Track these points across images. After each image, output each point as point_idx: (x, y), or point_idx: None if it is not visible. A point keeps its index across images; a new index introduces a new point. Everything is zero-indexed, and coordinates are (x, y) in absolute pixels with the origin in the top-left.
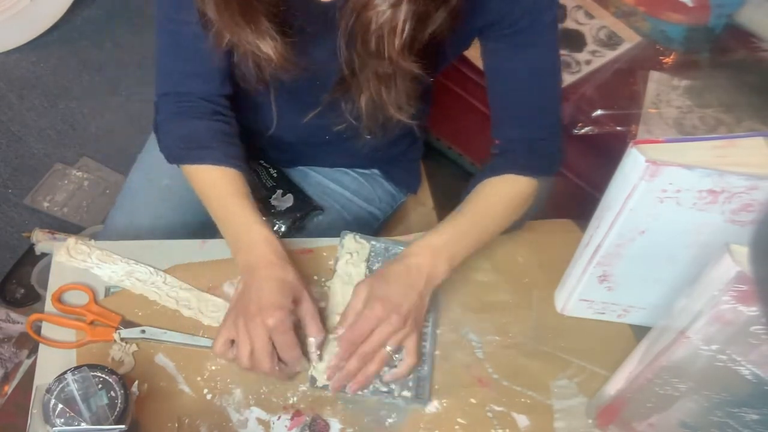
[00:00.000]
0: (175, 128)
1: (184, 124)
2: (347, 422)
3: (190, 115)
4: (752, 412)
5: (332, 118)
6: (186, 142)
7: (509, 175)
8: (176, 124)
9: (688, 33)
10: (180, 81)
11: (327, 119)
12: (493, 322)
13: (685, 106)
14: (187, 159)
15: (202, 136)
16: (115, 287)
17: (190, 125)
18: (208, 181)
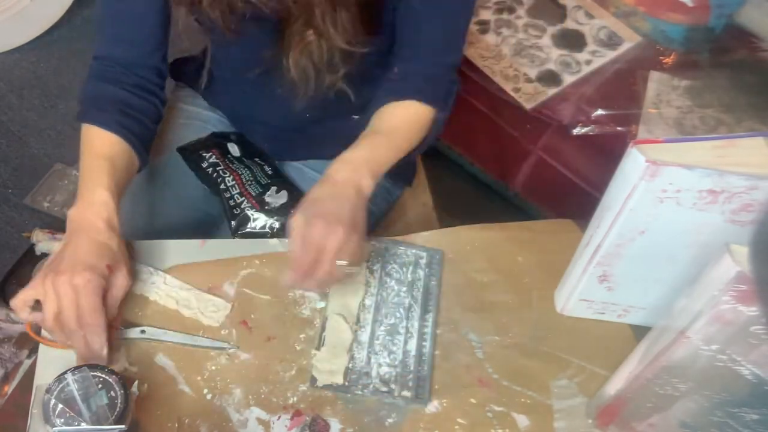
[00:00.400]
0: (90, 89)
1: (100, 86)
2: (347, 422)
3: (110, 80)
4: (752, 412)
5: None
6: (91, 102)
7: (411, 101)
8: (93, 86)
9: (688, 33)
10: (111, 45)
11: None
12: (493, 322)
13: (685, 106)
14: (83, 117)
15: (107, 101)
16: None
17: (100, 88)
18: (89, 141)
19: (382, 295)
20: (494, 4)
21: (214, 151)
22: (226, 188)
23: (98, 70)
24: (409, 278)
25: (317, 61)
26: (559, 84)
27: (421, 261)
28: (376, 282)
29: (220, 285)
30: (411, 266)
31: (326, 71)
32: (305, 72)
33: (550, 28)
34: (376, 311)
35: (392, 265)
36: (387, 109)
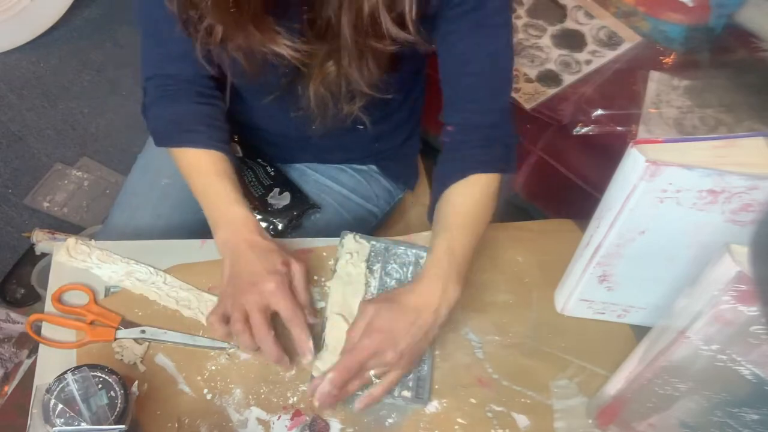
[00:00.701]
0: (162, 112)
1: (171, 107)
2: (347, 422)
3: (175, 98)
4: (752, 412)
5: (291, 103)
6: (172, 126)
7: (476, 175)
8: (163, 108)
9: (688, 33)
10: (162, 64)
11: (286, 104)
12: (493, 322)
13: (685, 106)
14: (174, 142)
15: (188, 119)
16: (115, 287)
17: (175, 108)
18: (193, 163)
19: None
20: None
21: None
22: None
23: (159, 91)
24: (410, 278)
25: (336, 92)
26: (559, 84)
27: (421, 261)
28: (376, 282)
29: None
30: (411, 266)
31: (345, 102)
32: (323, 102)
33: (550, 28)
34: None
35: (392, 264)
36: (455, 197)
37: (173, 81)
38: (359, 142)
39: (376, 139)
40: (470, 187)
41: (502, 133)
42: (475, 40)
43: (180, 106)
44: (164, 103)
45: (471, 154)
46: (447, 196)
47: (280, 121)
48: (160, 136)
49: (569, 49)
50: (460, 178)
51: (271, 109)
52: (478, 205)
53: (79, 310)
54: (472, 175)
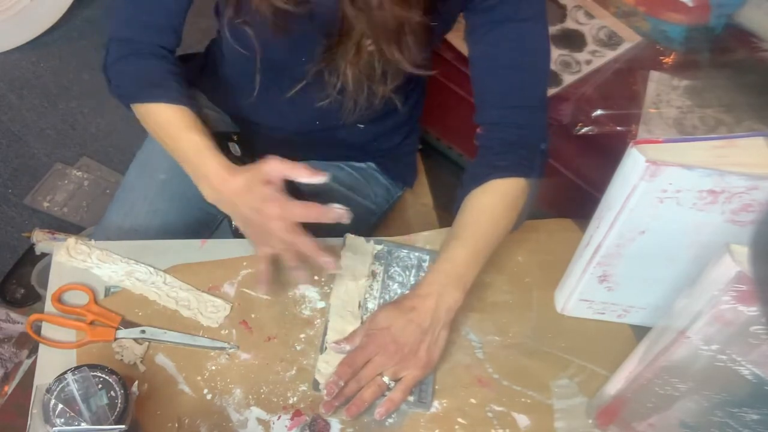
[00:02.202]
0: (127, 68)
1: (137, 63)
2: (347, 422)
3: (141, 56)
4: (752, 412)
5: (316, 92)
6: (141, 80)
7: (493, 182)
8: (129, 64)
9: (688, 33)
10: (137, 30)
11: (310, 94)
12: (493, 322)
13: (685, 106)
14: (141, 97)
15: (157, 74)
16: (115, 287)
17: (143, 64)
18: (163, 119)
19: (385, 298)
20: None
21: None
22: None
23: (125, 50)
24: (412, 281)
25: (373, 73)
26: (559, 84)
27: (424, 264)
28: (378, 285)
29: (220, 285)
30: (414, 269)
31: (379, 83)
32: (360, 84)
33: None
34: None
35: (395, 267)
36: (472, 204)
37: (144, 45)
38: (358, 140)
39: (375, 137)
40: (487, 195)
41: (528, 134)
42: (502, 35)
43: (147, 61)
44: (130, 60)
45: (491, 159)
46: (465, 203)
47: (296, 112)
48: (125, 92)
49: (569, 49)
50: (478, 185)
51: (292, 103)
52: (493, 211)
53: (79, 310)
54: (490, 182)
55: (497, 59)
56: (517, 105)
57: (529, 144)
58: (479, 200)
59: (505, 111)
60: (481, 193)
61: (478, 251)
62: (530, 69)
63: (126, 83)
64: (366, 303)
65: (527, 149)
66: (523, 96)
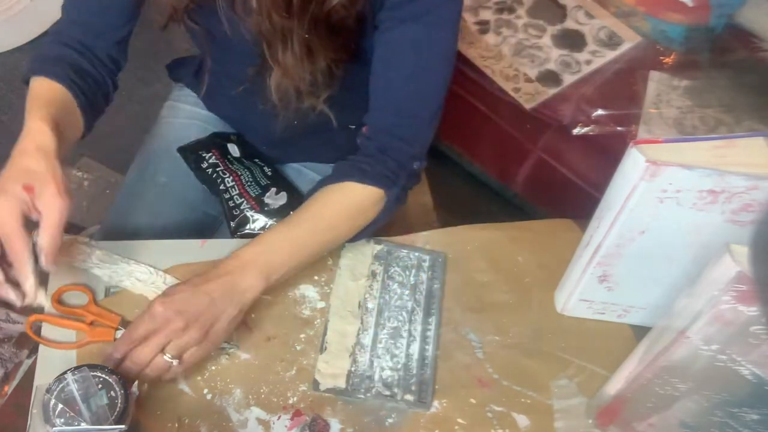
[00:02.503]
0: (43, 50)
1: (53, 47)
2: (347, 422)
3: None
4: (752, 412)
5: (259, 94)
6: (41, 60)
7: (349, 183)
8: (46, 47)
9: (688, 33)
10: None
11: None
12: (493, 322)
13: (685, 106)
14: (31, 71)
15: (54, 57)
16: (115, 287)
17: (56, 49)
18: (34, 90)
19: (384, 298)
20: (494, 4)
21: (214, 151)
22: (226, 189)
23: (55, 38)
24: (412, 281)
25: (299, 84)
26: (559, 84)
27: (424, 264)
28: (378, 285)
29: None
30: (414, 269)
31: (307, 94)
32: (286, 94)
33: (550, 28)
34: (378, 314)
35: (395, 268)
36: (320, 196)
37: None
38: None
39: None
40: (337, 194)
41: (405, 149)
42: (404, 36)
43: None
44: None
45: (358, 160)
46: (315, 194)
47: (249, 114)
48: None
49: (569, 49)
50: (333, 182)
51: (241, 102)
52: (334, 214)
53: (78, 311)
54: (347, 182)
55: (394, 63)
56: (404, 115)
57: (401, 158)
58: (328, 196)
59: (391, 118)
60: (332, 190)
61: (300, 247)
62: (426, 79)
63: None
64: (366, 303)
65: (398, 163)
66: (412, 106)
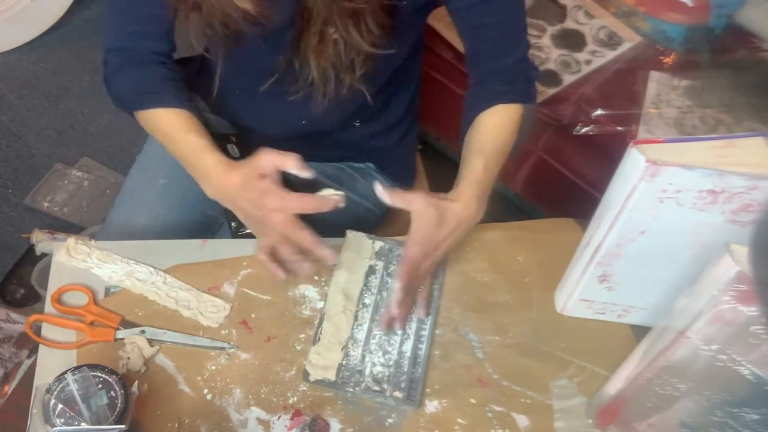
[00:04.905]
0: (126, 76)
1: (135, 71)
2: (347, 422)
3: (138, 64)
4: (752, 412)
5: (288, 85)
6: (139, 88)
7: (499, 106)
8: (127, 73)
9: (688, 33)
10: (129, 39)
11: (283, 88)
12: (493, 322)
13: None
14: (142, 104)
15: (154, 81)
16: (115, 287)
17: (141, 71)
18: (165, 123)
19: (381, 295)
20: None
21: None
22: None
23: (122, 59)
24: None
25: (338, 61)
26: (559, 84)
27: None
28: (377, 280)
29: (220, 285)
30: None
31: (346, 72)
32: (326, 73)
33: (550, 28)
34: (374, 311)
35: (395, 265)
36: (482, 124)
37: (139, 53)
38: (354, 139)
39: (372, 136)
40: (497, 116)
41: (520, 70)
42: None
43: (145, 68)
44: (129, 68)
45: (494, 86)
46: (476, 124)
47: (276, 110)
48: (126, 100)
49: (569, 49)
50: (486, 108)
51: (266, 99)
52: (505, 132)
53: (78, 311)
54: (496, 106)
55: (483, 34)
56: (507, 59)
57: (523, 75)
58: (491, 121)
59: (497, 63)
60: (491, 115)
61: (499, 166)
62: (513, 32)
63: (126, 92)
64: (363, 298)
65: (523, 79)
66: (510, 52)
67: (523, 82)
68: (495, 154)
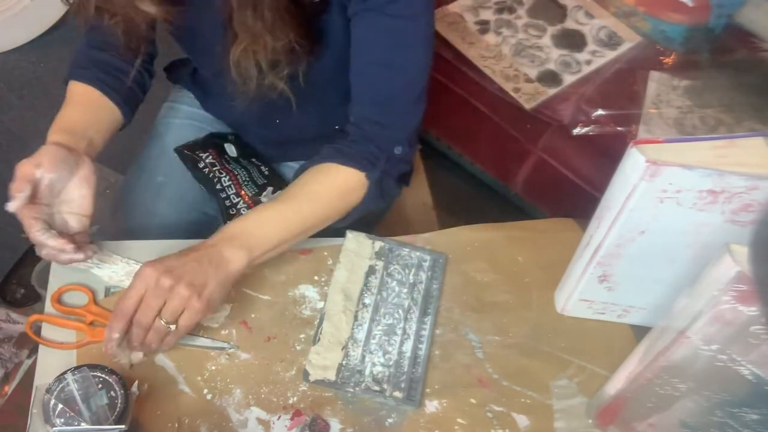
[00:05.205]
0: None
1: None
2: (347, 422)
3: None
4: (752, 412)
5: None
6: (72, 65)
7: (331, 164)
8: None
9: (688, 33)
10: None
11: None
12: (493, 322)
13: (685, 106)
14: (69, 76)
15: (87, 60)
16: (115, 287)
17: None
18: (68, 94)
19: (382, 295)
20: (494, 4)
21: (211, 151)
22: (223, 188)
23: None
24: (411, 280)
25: (260, 60)
26: (559, 84)
27: (425, 264)
28: (377, 280)
29: None
30: (414, 268)
31: (269, 72)
32: (247, 71)
33: (550, 28)
34: (374, 311)
35: (395, 266)
36: (304, 176)
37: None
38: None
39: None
40: (321, 175)
41: (385, 134)
42: (374, 28)
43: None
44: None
45: (340, 143)
46: (299, 176)
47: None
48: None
49: (569, 49)
50: (316, 163)
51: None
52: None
53: (78, 311)
54: (329, 163)
55: (367, 53)
56: (382, 103)
57: (381, 143)
58: (311, 176)
59: (370, 106)
60: (315, 171)
61: (284, 223)
62: (401, 66)
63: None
64: (363, 297)
65: (378, 147)
66: (389, 94)
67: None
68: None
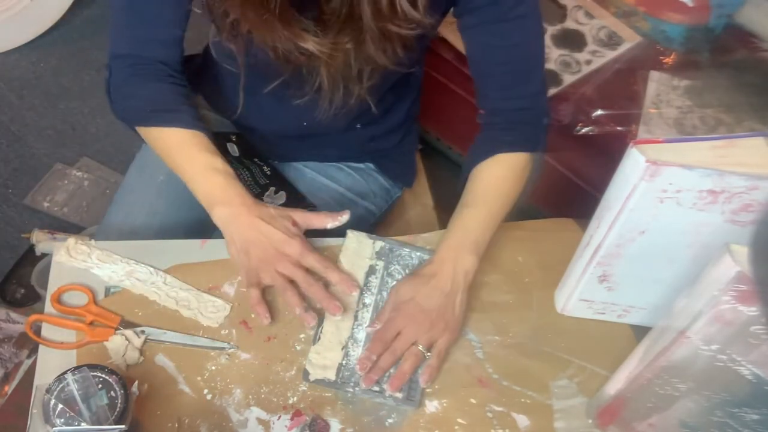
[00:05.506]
0: (136, 90)
1: (147, 85)
2: (347, 422)
3: (149, 77)
4: (752, 412)
5: (294, 90)
6: (151, 104)
7: (500, 155)
8: (137, 86)
9: (688, 33)
10: (139, 45)
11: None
12: (493, 322)
13: (685, 106)
14: (153, 121)
15: (168, 98)
16: (115, 287)
17: (153, 87)
18: (175, 143)
19: (382, 295)
20: None
21: None
22: None
23: (130, 70)
24: None
25: (348, 72)
26: (559, 84)
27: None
28: (377, 280)
29: (220, 285)
30: (414, 268)
31: (354, 82)
32: (335, 82)
33: (550, 28)
34: (375, 310)
35: (395, 266)
36: (479, 174)
37: (148, 62)
38: (355, 141)
39: (372, 138)
40: (494, 166)
41: (530, 115)
42: (495, 34)
43: (157, 84)
44: (138, 81)
45: (497, 135)
46: (472, 174)
47: (279, 111)
48: (135, 115)
49: (569, 49)
50: (485, 158)
51: (271, 100)
52: (502, 181)
53: (78, 311)
54: (497, 155)
55: (493, 57)
56: (517, 95)
57: (532, 121)
58: (488, 172)
59: (506, 100)
60: (489, 165)
61: (489, 218)
62: (526, 62)
63: (133, 107)
64: (363, 297)
65: (531, 125)
66: (522, 86)
67: (531, 129)
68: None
